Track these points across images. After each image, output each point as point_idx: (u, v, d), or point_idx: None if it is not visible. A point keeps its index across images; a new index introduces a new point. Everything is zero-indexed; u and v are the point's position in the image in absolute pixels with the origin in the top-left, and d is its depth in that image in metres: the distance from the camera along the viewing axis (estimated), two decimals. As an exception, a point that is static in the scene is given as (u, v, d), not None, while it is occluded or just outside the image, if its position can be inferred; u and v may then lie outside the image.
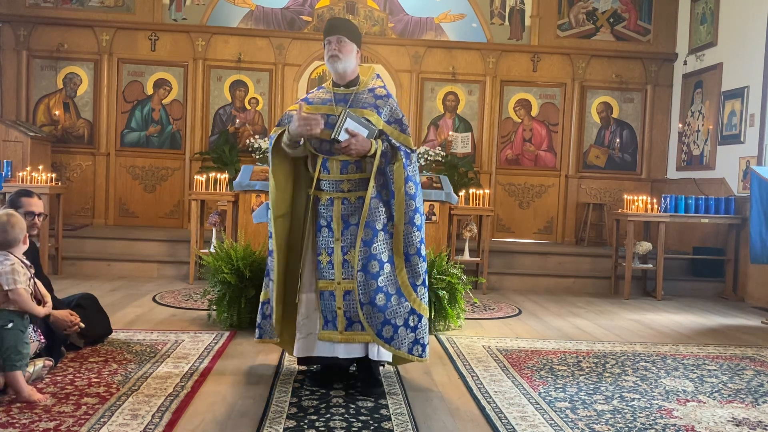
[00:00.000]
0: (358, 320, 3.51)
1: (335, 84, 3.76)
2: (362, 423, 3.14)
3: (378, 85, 3.78)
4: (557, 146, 9.77)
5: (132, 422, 3.04)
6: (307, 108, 3.64)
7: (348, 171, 3.57)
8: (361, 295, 3.48)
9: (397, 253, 3.55)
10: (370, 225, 3.51)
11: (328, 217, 3.58)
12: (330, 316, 3.56)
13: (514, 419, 3.30)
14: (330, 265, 3.56)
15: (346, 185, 3.58)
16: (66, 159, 9.27)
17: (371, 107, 3.62)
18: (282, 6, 9.49)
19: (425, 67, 9.59)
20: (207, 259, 5.28)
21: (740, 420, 3.41)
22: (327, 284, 3.57)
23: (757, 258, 6.54)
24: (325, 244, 3.58)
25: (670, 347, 5.05)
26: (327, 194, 3.60)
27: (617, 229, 7.97)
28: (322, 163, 3.58)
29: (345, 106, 3.58)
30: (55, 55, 9.21)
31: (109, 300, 5.83)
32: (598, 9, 9.69)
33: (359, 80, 3.74)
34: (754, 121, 7.78)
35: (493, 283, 7.73)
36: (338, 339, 3.55)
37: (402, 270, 3.55)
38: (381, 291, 3.48)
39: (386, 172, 3.55)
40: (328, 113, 3.59)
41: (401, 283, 3.55)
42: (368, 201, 3.48)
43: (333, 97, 3.69)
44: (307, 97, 3.81)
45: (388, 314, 3.49)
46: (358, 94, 3.68)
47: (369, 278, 3.47)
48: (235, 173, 7.84)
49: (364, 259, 3.48)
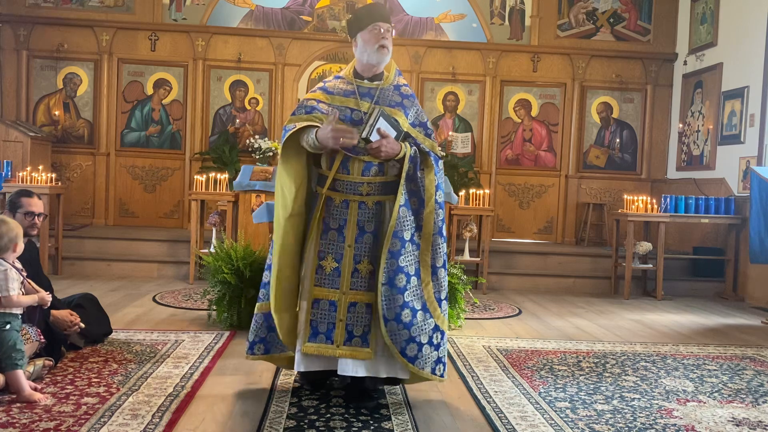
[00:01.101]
0: (360, 335, 3.25)
1: (357, 75, 3.44)
2: (362, 423, 3.14)
3: (403, 82, 3.50)
4: (557, 146, 9.77)
5: (132, 422, 3.04)
6: (325, 97, 3.37)
7: (370, 173, 3.29)
8: (385, 311, 3.17)
9: (424, 265, 3.29)
10: (397, 235, 3.21)
11: (341, 221, 3.29)
12: (323, 327, 3.26)
13: (514, 419, 3.30)
14: (336, 272, 3.27)
15: (366, 188, 3.28)
16: (66, 159, 9.27)
17: (398, 106, 3.38)
18: (282, 6, 9.49)
19: (425, 67, 9.59)
20: (207, 259, 5.28)
21: (740, 420, 3.41)
22: (327, 293, 3.27)
23: (757, 258, 6.54)
24: (332, 248, 3.28)
25: (670, 347, 5.05)
26: (342, 196, 3.29)
27: (617, 229, 7.97)
28: (342, 162, 3.27)
29: (372, 103, 3.33)
30: (55, 55, 9.21)
31: (109, 300, 5.83)
32: (598, 9, 9.69)
33: (383, 74, 3.46)
34: (754, 121, 7.78)
35: (493, 283, 7.73)
36: (336, 354, 3.24)
37: (429, 284, 3.29)
38: (407, 306, 3.20)
39: (417, 179, 3.29)
40: (353, 107, 3.32)
41: (427, 298, 3.29)
42: (397, 209, 3.21)
43: (357, 90, 3.38)
44: (325, 86, 3.45)
45: (414, 331, 3.21)
46: (384, 90, 3.40)
47: (395, 292, 3.18)
48: (235, 173, 7.84)
49: (391, 272, 3.18)
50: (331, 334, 3.25)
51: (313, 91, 3.44)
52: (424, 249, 3.29)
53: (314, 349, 3.26)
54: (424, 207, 3.29)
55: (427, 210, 3.28)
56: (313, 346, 3.26)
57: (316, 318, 3.27)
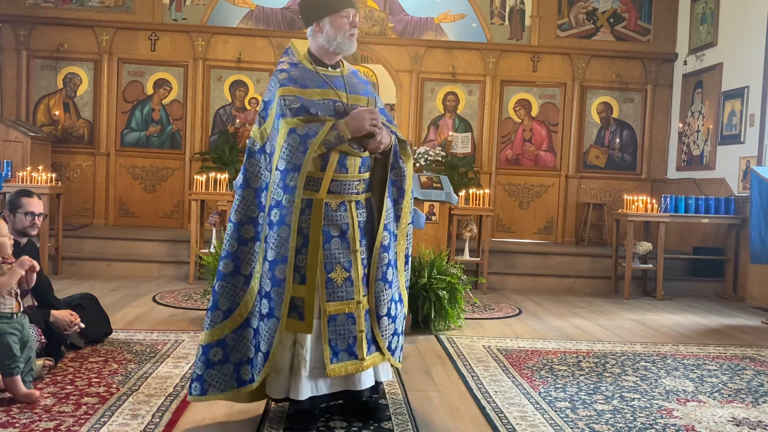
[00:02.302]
0: (372, 341, 3.05)
1: (318, 62, 3.12)
2: (362, 423, 3.14)
3: (355, 68, 3.31)
4: (557, 146, 9.77)
5: (132, 422, 3.03)
6: (300, 92, 3.00)
7: (365, 169, 3.10)
8: (378, 308, 3.04)
9: (400, 256, 3.20)
10: (387, 228, 3.10)
11: (343, 225, 3.00)
12: (343, 345, 2.96)
13: (514, 419, 3.30)
14: (348, 282, 2.99)
15: (361, 185, 3.08)
16: (66, 159, 9.27)
17: (365, 93, 3.17)
18: (282, 6, 9.48)
19: (425, 67, 9.59)
20: (207, 259, 5.28)
21: (740, 420, 3.41)
22: (343, 306, 2.98)
23: (757, 258, 6.54)
24: (338, 258, 2.99)
25: (670, 347, 5.05)
26: (339, 197, 3.01)
27: (617, 229, 7.97)
28: (340, 160, 3.00)
29: (345, 91, 3.09)
30: (55, 55, 9.21)
31: (109, 300, 5.83)
32: (598, 9, 9.69)
33: (340, 61, 3.21)
34: (754, 121, 7.78)
35: (493, 283, 7.73)
36: (363, 368, 2.99)
37: (402, 274, 3.22)
38: (393, 300, 3.11)
39: (399, 168, 3.17)
40: (334, 99, 3.04)
41: (401, 287, 3.21)
42: (386, 201, 3.12)
43: (325, 79, 3.08)
44: (291, 76, 3.03)
45: (397, 323, 3.14)
46: (347, 77, 3.16)
47: (387, 287, 3.07)
48: (235, 173, 7.84)
49: (383, 267, 3.06)
50: (353, 348, 2.97)
51: (283, 84, 3.01)
52: (400, 240, 3.20)
53: (340, 369, 2.94)
54: (403, 197, 3.19)
55: (405, 200, 3.20)
56: (337, 366, 2.94)
57: (334, 336, 2.96)
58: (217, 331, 2.97)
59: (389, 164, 3.14)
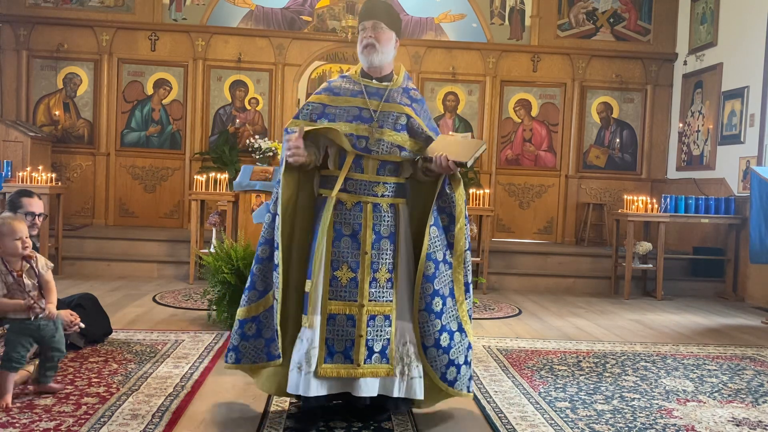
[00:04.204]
0: (379, 351, 3.00)
1: (365, 75, 3.21)
2: (362, 423, 3.14)
3: (412, 87, 3.31)
4: (557, 146, 9.77)
5: (132, 422, 3.04)
6: (329, 99, 3.15)
7: (386, 172, 3.09)
8: (424, 338, 3.03)
9: (457, 284, 3.14)
10: (431, 257, 3.04)
11: (355, 225, 3.03)
12: (340, 346, 2.97)
13: (514, 419, 3.30)
14: (353, 283, 3.00)
15: (381, 188, 3.07)
16: (66, 159, 9.28)
17: (408, 107, 3.18)
18: (282, 6, 9.49)
19: (425, 67, 9.59)
20: (207, 259, 5.28)
21: (740, 420, 3.41)
22: (344, 306, 3.00)
23: (757, 258, 6.54)
24: (346, 257, 3.02)
25: (670, 347, 5.05)
26: (354, 197, 3.05)
27: (617, 229, 7.97)
28: (355, 160, 3.04)
29: (381, 102, 3.12)
30: (55, 55, 9.21)
31: (109, 300, 5.83)
32: (598, 9, 9.69)
33: (393, 76, 3.23)
34: (754, 121, 7.78)
35: (493, 283, 7.73)
36: (357, 374, 2.96)
37: (463, 303, 3.15)
38: (445, 330, 3.07)
39: (446, 194, 3.12)
40: (361, 106, 3.10)
41: (462, 317, 3.14)
42: (428, 230, 3.05)
43: (364, 90, 3.15)
44: (330, 86, 3.22)
45: (452, 354, 3.09)
46: (392, 91, 3.17)
47: (433, 318, 3.03)
48: (235, 173, 7.84)
49: (427, 297, 3.02)
50: (350, 352, 2.97)
51: (318, 93, 3.22)
52: (457, 267, 3.14)
53: (332, 370, 2.95)
54: (454, 224, 3.13)
55: (458, 227, 3.13)
56: (330, 367, 2.95)
57: (332, 335, 2.98)
58: (253, 309, 3.10)
59: (438, 189, 3.09)
